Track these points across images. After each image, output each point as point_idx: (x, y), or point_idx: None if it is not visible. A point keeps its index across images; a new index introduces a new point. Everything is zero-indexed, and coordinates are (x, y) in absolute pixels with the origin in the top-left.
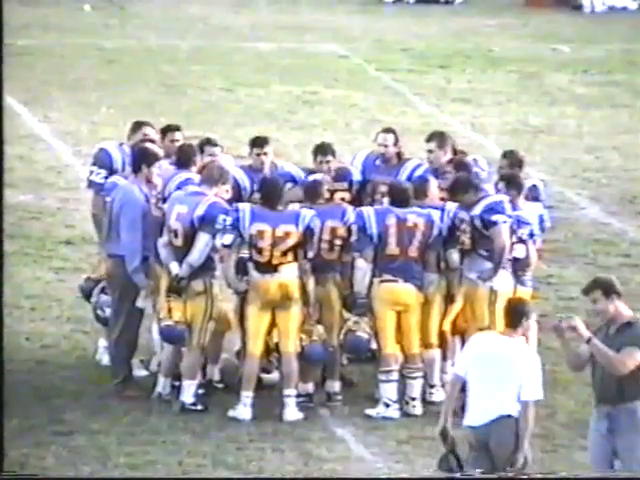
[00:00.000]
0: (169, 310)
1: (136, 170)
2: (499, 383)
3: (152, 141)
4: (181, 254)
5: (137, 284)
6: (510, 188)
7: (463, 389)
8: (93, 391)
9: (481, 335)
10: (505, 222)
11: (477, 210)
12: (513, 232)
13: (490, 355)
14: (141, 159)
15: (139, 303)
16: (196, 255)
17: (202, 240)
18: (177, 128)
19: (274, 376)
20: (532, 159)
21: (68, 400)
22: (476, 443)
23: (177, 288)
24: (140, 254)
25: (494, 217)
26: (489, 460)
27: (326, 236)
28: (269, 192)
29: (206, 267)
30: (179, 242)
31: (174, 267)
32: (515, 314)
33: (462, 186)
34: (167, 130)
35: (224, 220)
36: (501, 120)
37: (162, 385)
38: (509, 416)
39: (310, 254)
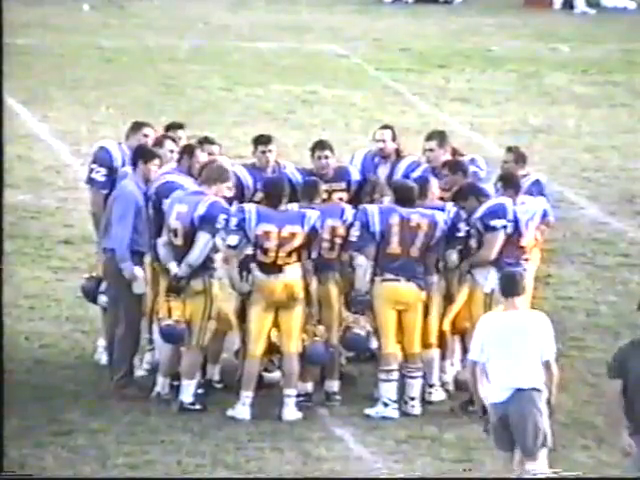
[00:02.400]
0: (168, 310)
1: (134, 166)
2: (518, 356)
3: (173, 140)
4: (180, 253)
5: (123, 271)
6: (507, 188)
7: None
8: (92, 391)
9: (487, 316)
10: (505, 227)
11: (478, 213)
12: (519, 234)
13: (503, 332)
14: (138, 155)
15: (135, 289)
16: (196, 255)
17: (202, 240)
18: (180, 126)
19: (276, 375)
20: (531, 159)
21: (67, 400)
22: (500, 419)
23: (176, 288)
24: (127, 243)
25: (493, 222)
26: (510, 435)
27: (326, 235)
28: (273, 192)
29: (205, 266)
30: (179, 241)
31: (173, 267)
32: (507, 285)
33: (463, 193)
34: (170, 128)
35: (225, 220)
36: (500, 120)
37: (161, 385)
38: (531, 389)
39: (314, 254)
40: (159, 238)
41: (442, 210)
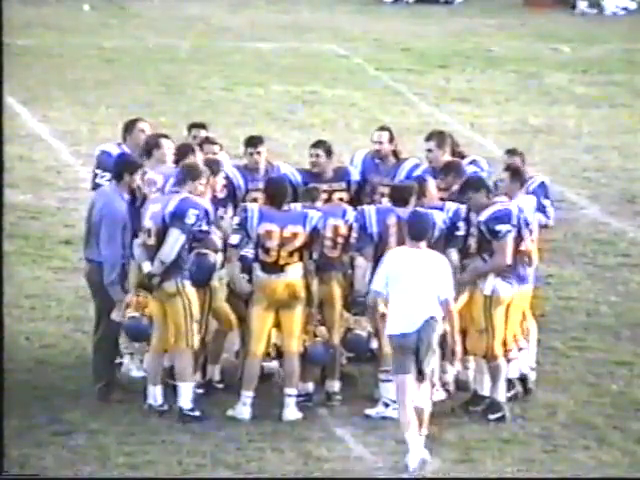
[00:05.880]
0: (137, 306)
1: (118, 178)
2: (421, 290)
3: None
4: (154, 253)
5: (111, 296)
6: (514, 180)
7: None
8: (92, 391)
9: (393, 252)
10: (510, 231)
11: (483, 216)
12: (521, 238)
13: (407, 268)
14: (124, 167)
15: (113, 315)
16: (167, 250)
17: (173, 235)
18: (203, 126)
19: (274, 364)
20: (532, 159)
21: (68, 400)
22: (406, 348)
23: (148, 285)
24: (118, 268)
25: (498, 227)
26: (414, 362)
27: (329, 234)
28: (275, 192)
29: (177, 267)
30: (152, 241)
31: (146, 266)
32: (416, 230)
33: (473, 185)
34: (192, 127)
35: (195, 215)
36: (500, 120)
37: (152, 395)
38: (432, 317)
39: (315, 255)
40: (135, 239)
41: (441, 210)
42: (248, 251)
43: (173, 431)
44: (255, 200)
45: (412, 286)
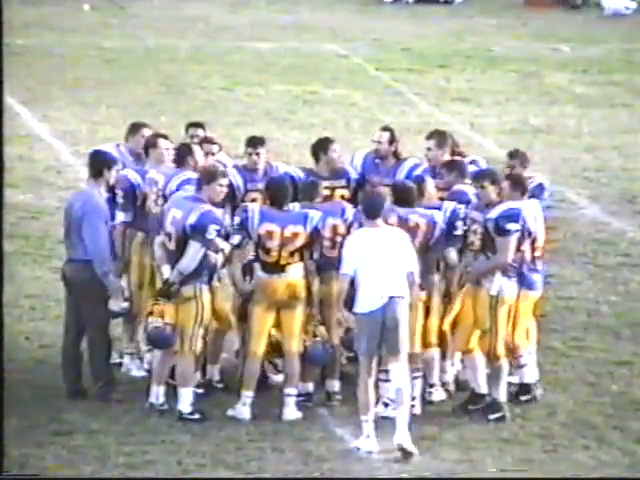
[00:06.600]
0: (158, 313)
1: (97, 175)
2: (386, 267)
3: (166, 137)
4: (173, 258)
5: (108, 287)
6: (515, 189)
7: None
8: (92, 391)
9: (355, 234)
10: (517, 231)
11: (493, 214)
12: (523, 238)
13: (370, 247)
14: (102, 164)
15: (112, 305)
16: (186, 262)
17: (193, 248)
18: (200, 125)
19: (279, 378)
20: (532, 159)
21: (67, 400)
22: (373, 326)
23: (167, 292)
24: (110, 259)
25: (508, 225)
26: (378, 340)
27: (328, 233)
28: (276, 192)
29: (196, 273)
30: (172, 246)
31: (166, 270)
32: (370, 208)
33: (490, 176)
34: (190, 126)
35: (216, 230)
36: (501, 120)
37: (155, 394)
38: (401, 296)
39: (315, 255)
40: (157, 237)
41: (439, 209)
42: (250, 253)
43: (173, 431)
44: (254, 200)
45: (377, 264)
